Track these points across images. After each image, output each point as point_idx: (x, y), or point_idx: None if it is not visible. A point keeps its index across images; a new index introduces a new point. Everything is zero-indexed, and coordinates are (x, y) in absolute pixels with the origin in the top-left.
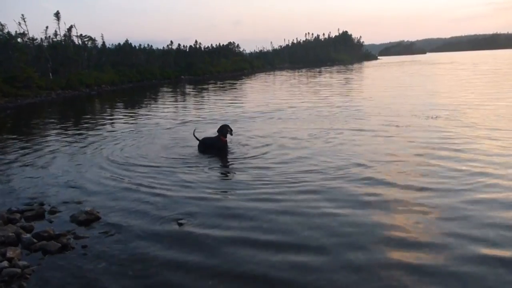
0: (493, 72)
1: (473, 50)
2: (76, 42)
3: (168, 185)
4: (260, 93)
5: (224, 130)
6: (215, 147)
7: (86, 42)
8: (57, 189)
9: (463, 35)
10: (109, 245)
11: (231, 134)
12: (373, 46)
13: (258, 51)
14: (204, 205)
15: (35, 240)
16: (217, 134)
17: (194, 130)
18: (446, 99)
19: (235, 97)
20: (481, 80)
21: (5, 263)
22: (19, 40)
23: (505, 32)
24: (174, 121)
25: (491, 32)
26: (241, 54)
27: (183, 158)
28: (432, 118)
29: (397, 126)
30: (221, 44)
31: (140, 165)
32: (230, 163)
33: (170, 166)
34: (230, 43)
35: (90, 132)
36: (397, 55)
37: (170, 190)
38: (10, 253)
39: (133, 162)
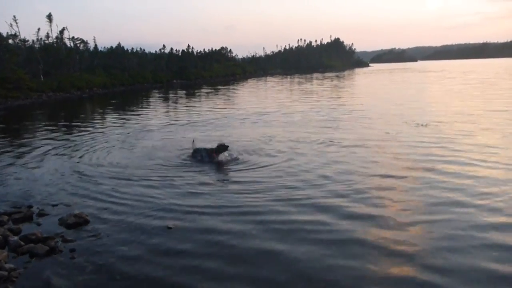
0: (480, 82)
1: (463, 59)
2: (68, 45)
3: (157, 191)
4: (249, 98)
5: (219, 149)
6: (204, 159)
7: (78, 45)
8: (46, 191)
9: (454, 43)
10: (97, 248)
11: (217, 156)
12: (364, 53)
13: (250, 56)
14: (193, 211)
15: (22, 243)
16: (213, 147)
17: (193, 141)
18: (435, 107)
19: (225, 102)
20: (468, 89)
21: None
22: (10, 41)
23: (495, 41)
24: (164, 125)
25: (481, 41)
26: (233, 59)
27: (172, 164)
28: (422, 125)
29: (387, 133)
30: (213, 49)
31: (129, 170)
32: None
33: (159, 172)
34: (222, 48)
35: (80, 135)
36: (389, 63)
37: (159, 196)
38: None
39: (121, 167)
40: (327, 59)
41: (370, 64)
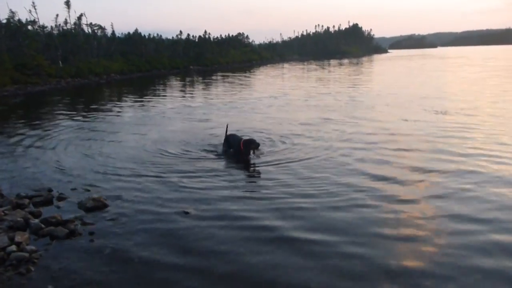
0: (501, 69)
1: (485, 45)
2: (86, 31)
3: (177, 176)
4: (267, 84)
5: (249, 145)
6: (233, 148)
7: (96, 31)
8: (65, 176)
9: (475, 29)
10: (116, 232)
11: (253, 153)
12: (383, 39)
13: (267, 42)
14: (213, 195)
15: (43, 226)
16: (245, 138)
17: (227, 126)
18: (454, 95)
19: (243, 87)
20: (488, 77)
21: (14, 247)
22: (29, 27)
23: None
24: (182, 111)
25: (503, 27)
26: (250, 45)
27: (193, 149)
28: (441, 113)
29: (405, 120)
30: (230, 35)
31: (150, 155)
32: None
33: (181, 157)
34: (239, 33)
35: (100, 121)
36: (408, 49)
37: (178, 181)
38: (18, 237)
39: (142, 152)
40: (345, 45)
41: (389, 50)
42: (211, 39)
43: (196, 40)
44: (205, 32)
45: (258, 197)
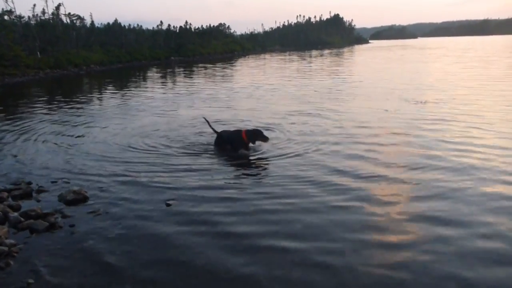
0: (479, 60)
1: (464, 36)
2: (65, 21)
3: (159, 169)
4: (248, 76)
5: (255, 136)
6: (233, 144)
7: (74, 21)
8: (45, 168)
9: (454, 20)
10: (97, 224)
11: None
12: (364, 29)
13: (249, 33)
14: (193, 188)
15: (22, 219)
16: (236, 130)
17: (208, 121)
18: (434, 85)
19: (225, 78)
20: (467, 67)
21: None
22: (6, 17)
23: (496, 18)
24: (165, 102)
25: (481, 18)
26: (231, 36)
27: (177, 142)
28: (421, 103)
29: (386, 110)
30: (211, 25)
31: (131, 147)
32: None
33: (161, 150)
34: (220, 24)
35: (79, 113)
36: (389, 39)
37: (161, 174)
38: None
39: (122, 143)
40: (327, 35)
41: (370, 41)
42: (192, 29)
43: (177, 31)
44: (186, 22)
45: (230, 198)
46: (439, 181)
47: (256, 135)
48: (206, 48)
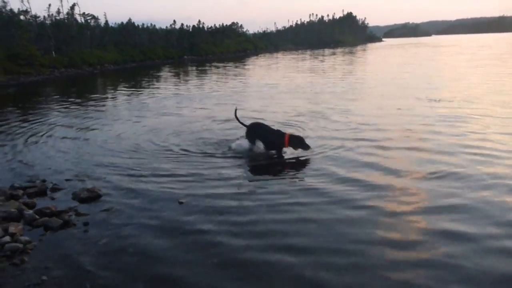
0: (494, 58)
1: (479, 33)
2: (79, 21)
3: (172, 168)
4: (260, 75)
5: (298, 144)
6: (269, 142)
7: (89, 21)
8: (59, 166)
9: (469, 17)
10: (110, 222)
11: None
12: (377, 28)
13: (261, 31)
14: (206, 187)
15: (37, 216)
16: (292, 134)
17: (236, 111)
18: (447, 83)
19: (238, 76)
20: (482, 65)
21: (7, 238)
22: (21, 17)
23: None
24: (178, 101)
25: (496, 15)
26: (244, 35)
27: (189, 142)
28: (435, 101)
29: (398, 109)
30: (224, 24)
31: (143, 146)
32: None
33: (173, 150)
34: (233, 23)
35: (93, 112)
36: (402, 37)
37: (174, 171)
38: (12, 228)
39: (135, 142)
40: (339, 34)
41: (383, 39)
42: (205, 28)
43: (190, 30)
44: (199, 21)
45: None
46: (455, 189)
47: (300, 141)
48: (219, 47)
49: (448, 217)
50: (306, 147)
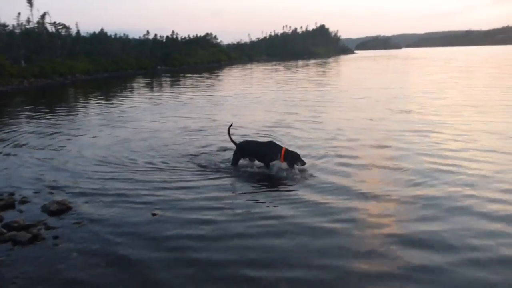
0: (461, 70)
1: (447, 46)
2: (50, 30)
3: (144, 178)
4: (232, 86)
5: (294, 160)
6: (265, 158)
7: (60, 30)
8: (28, 179)
9: (437, 31)
10: (81, 235)
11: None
12: (350, 40)
13: (235, 42)
14: (181, 198)
15: (4, 231)
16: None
17: (229, 128)
18: (417, 94)
19: (212, 87)
20: (450, 77)
21: None
22: None
23: (478, 29)
24: (150, 112)
25: (463, 29)
26: (218, 46)
27: (163, 154)
28: (406, 112)
29: (370, 119)
30: (198, 35)
31: (115, 158)
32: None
33: (149, 162)
34: (207, 34)
35: (63, 123)
36: (374, 50)
37: (146, 183)
38: None
39: (105, 154)
40: (313, 46)
41: (355, 51)
42: (179, 39)
43: (164, 40)
44: (173, 32)
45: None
46: (428, 199)
47: (296, 158)
48: (193, 58)
49: (418, 231)
50: (302, 163)
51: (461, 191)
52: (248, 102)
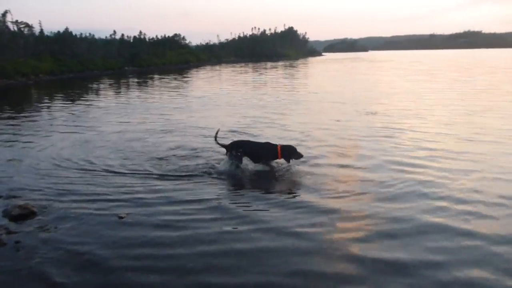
0: (426, 72)
1: (412, 49)
2: (12, 29)
3: (108, 183)
4: (198, 87)
5: (291, 154)
6: (261, 157)
7: (22, 29)
8: None
9: (403, 34)
10: (44, 240)
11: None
12: (318, 42)
13: (204, 43)
14: (146, 203)
15: None
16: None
17: (217, 133)
18: (383, 96)
19: (180, 88)
20: (415, 79)
21: None
22: None
23: (441, 33)
24: (116, 114)
25: (428, 33)
26: (187, 46)
27: (130, 157)
28: (372, 113)
29: (337, 120)
30: (166, 36)
31: (80, 161)
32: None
33: (115, 165)
34: (176, 34)
35: (27, 125)
36: (341, 52)
37: (112, 186)
38: None
39: (70, 157)
40: (281, 47)
41: (323, 53)
42: (147, 39)
43: (131, 41)
44: (140, 32)
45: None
46: (391, 210)
47: (292, 151)
48: (161, 59)
49: (384, 243)
50: (298, 156)
51: (429, 189)
52: (213, 105)
